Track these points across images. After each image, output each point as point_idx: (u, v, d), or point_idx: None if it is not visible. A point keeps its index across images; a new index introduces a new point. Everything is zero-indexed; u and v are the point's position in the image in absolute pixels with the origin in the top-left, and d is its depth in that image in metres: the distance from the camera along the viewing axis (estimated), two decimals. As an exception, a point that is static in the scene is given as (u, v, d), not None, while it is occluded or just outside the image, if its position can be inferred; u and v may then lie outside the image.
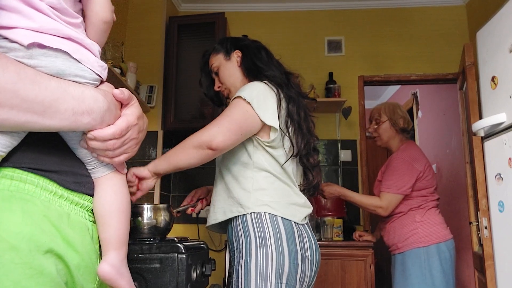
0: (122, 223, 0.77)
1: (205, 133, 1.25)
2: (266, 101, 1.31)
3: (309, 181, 1.43)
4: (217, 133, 1.24)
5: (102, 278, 0.74)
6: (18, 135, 0.64)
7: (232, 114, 1.28)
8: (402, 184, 2.22)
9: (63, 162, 0.71)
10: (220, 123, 1.26)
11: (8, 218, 0.60)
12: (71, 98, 0.64)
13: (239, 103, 1.30)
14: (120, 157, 0.74)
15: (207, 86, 1.60)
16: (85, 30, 0.75)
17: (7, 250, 0.58)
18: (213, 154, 1.25)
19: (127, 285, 0.77)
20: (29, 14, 0.63)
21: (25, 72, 0.59)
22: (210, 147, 1.23)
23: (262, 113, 1.29)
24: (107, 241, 0.76)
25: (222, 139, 1.23)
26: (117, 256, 0.76)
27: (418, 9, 3.45)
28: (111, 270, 0.74)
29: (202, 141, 1.24)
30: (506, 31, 1.82)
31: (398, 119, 2.41)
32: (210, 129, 1.25)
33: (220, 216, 1.35)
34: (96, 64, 0.72)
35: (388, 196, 2.23)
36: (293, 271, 1.25)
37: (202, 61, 1.60)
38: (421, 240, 2.17)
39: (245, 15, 3.53)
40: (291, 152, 1.35)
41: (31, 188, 0.64)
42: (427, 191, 2.27)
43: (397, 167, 2.27)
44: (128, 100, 0.74)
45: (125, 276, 0.77)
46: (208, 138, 1.23)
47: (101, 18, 0.76)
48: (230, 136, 1.25)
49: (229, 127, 1.25)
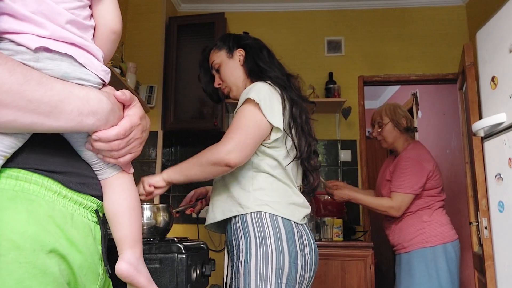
0: (134, 221, 0.79)
1: (222, 149, 1.24)
2: (272, 102, 1.31)
3: (310, 183, 1.43)
4: (234, 149, 1.24)
5: (120, 276, 0.75)
6: (22, 137, 0.64)
7: (246, 126, 1.28)
8: (413, 183, 2.21)
9: (68, 164, 0.71)
10: (236, 139, 1.26)
11: (13, 217, 0.60)
12: (77, 99, 0.65)
13: (250, 109, 1.29)
14: (125, 157, 0.75)
15: (205, 82, 1.59)
16: (93, 38, 0.76)
17: (11, 249, 0.58)
18: (230, 170, 1.27)
19: (145, 280, 0.78)
20: (43, 24, 0.64)
21: (31, 74, 0.60)
22: (228, 165, 1.24)
23: (269, 115, 1.28)
24: (121, 240, 0.77)
25: (239, 156, 1.24)
26: (133, 254, 0.78)
27: (418, 9, 3.45)
28: (129, 268, 0.76)
29: (219, 158, 1.24)
30: (506, 31, 1.82)
31: (400, 119, 2.40)
32: (227, 144, 1.25)
33: (219, 216, 1.35)
34: (100, 69, 0.73)
35: (399, 196, 2.22)
36: (293, 271, 1.25)
37: (202, 56, 1.58)
38: (428, 240, 2.17)
39: (245, 15, 3.53)
40: (293, 153, 1.36)
41: (35, 189, 0.65)
42: (435, 191, 2.27)
43: (407, 166, 2.25)
44: (130, 101, 0.75)
45: (143, 273, 0.79)
46: (225, 156, 1.23)
47: (110, 28, 0.78)
48: (247, 151, 1.26)
49: (245, 142, 1.26)
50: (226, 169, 1.25)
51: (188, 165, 1.31)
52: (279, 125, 1.29)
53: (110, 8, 0.78)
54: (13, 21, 0.63)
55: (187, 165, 1.31)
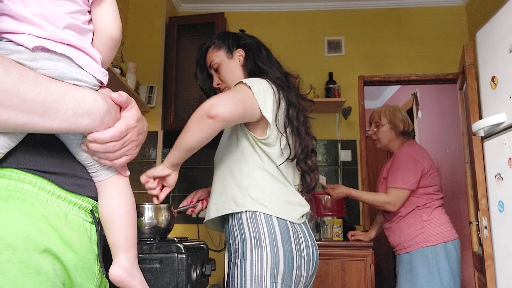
0: (129, 225, 0.78)
1: (207, 103, 1.20)
2: (266, 95, 1.30)
3: (307, 183, 1.42)
4: (217, 102, 1.19)
5: (114, 281, 0.75)
6: (16, 137, 0.64)
7: (234, 91, 1.28)
8: (408, 179, 2.23)
9: (62, 165, 0.71)
10: (220, 95, 1.24)
11: (6, 217, 0.60)
12: (72, 99, 0.64)
13: (241, 86, 1.29)
14: (120, 159, 0.74)
15: (202, 80, 1.58)
16: (92, 43, 0.76)
17: (4, 249, 0.58)
18: (214, 123, 1.18)
19: (140, 285, 0.78)
20: (42, 25, 0.64)
21: (26, 73, 0.60)
22: (209, 115, 1.17)
23: (261, 102, 1.27)
24: (116, 244, 0.76)
25: (221, 107, 1.18)
26: (127, 258, 0.77)
27: (418, 9, 3.45)
28: (122, 273, 0.75)
29: (201, 111, 1.19)
30: (506, 31, 1.82)
31: (398, 122, 2.42)
32: (212, 99, 1.22)
33: (213, 213, 1.35)
34: (98, 70, 0.72)
35: (395, 192, 2.24)
36: (289, 270, 1.24)
37: (199, 54, 1.56)
38: (429, 239, 2.17)
39: (245, 15, 3.53)
40: (287, 153, 1.35)
41: (29, 188, 0.64)
42: (432, 188, 2.28)
43: (402, 162, 2.28)
44: (127, 103, 0.74)
45: (137, 277, 0.78)
46: (207, 107, 1.18)
47: (109, 35, 0.77)
48: (230, 106, 1.20)
49: (230, 99, 1.22)
50: (210, 121, 1.17)
51: (180, 137, 1.26)
52: (268, 115, 1.28)
53: (110, 14, 0.77)
54: (12, 21, 0.63)
55: (179, 138, 1.27)
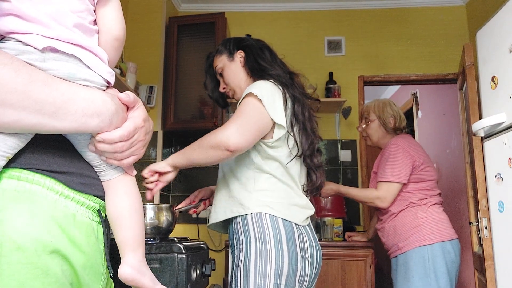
0: (136, 224, 0.78)
1: (223, 133, 1.21)
2: (275, 99, 1.30)
3: (313, 181, 1.42)
4: (235, 133, 1.21)
5: (124, 280, 0.75)
6: (24, 137, 0.64)
7: (248, 113, 1.26)
8: (397, 171, 2.08)
9: (70, 164, 0.71)
10: (237, 123, 1.23)
11: (15, 218, 0.60)
12: (82, 99, 0.65)
13: (252, 101, 1.28)
14: (128, 159, 0.75)
15: (212, 88, 1.60)
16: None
17: (14, 250, 0.58)
18: (231, 155, 1.22)
19: (150, 282, 0.78)
20: (49, 24, 0.65)
21: (37, 74, 0.60)
22: (228, 149, 1.20)
23: (272, 111, 1.28)
24: (124, 243, 0.77)
25: (239, 141, 1.20)
26: (135, 256, 0.77)
27: (418, 9, 3.45)
28: (132, 271, 0.76)
29: (219, 141, 1.21)
30: (506, 31, 1.82)
31: (388, 118, 2.27)
32: (228, 128, 1.22)
33: (221, 216, 1.35)
34: (105, 70, 0.73)
35: (385, 186, 2.10)
36: (292, 272, 1.24)
37: (207, 64, 1.59)
38: (425, 238, 2.01)
39: (245, 15, 3.53)
40: (295, 151, 1.35)
41: (37, 189, 0.65)
42: (427, 184, 2.13)
43: (391, 153, 2.13)
44: (134, 103, 0.75)
45: (147, 275, 0.79)
46: (226, 139, 1.20)
47: (113, 35, 0.77)
48: (247, 137, 1.22)
49: (247, 127, 1.23)
50: (226, 153, 1.21)
51: (191, 149, 1.29)
52: (281, 121, 1.28)
53: (114, 15, 0.78)
54: (20, 21, 0.63)
55: (190, 149, 1.30)
